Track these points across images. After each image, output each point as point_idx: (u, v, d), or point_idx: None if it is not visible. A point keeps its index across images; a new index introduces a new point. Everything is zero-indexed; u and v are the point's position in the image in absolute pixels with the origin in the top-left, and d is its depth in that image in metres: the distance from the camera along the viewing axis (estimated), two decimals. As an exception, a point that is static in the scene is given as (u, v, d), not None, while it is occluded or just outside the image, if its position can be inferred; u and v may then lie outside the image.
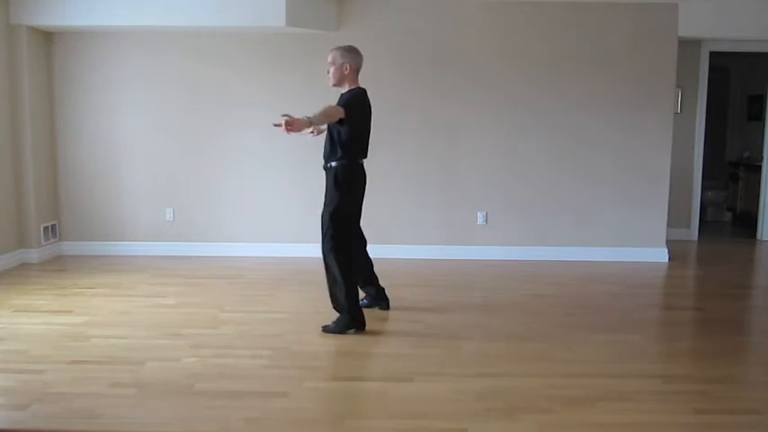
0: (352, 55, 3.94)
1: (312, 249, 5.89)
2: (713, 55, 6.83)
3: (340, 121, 3.82)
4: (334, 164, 3.92)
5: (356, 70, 3.97)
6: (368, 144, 4.07)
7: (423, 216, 6.00)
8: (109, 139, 5.99)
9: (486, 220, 6.02)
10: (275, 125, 3.54)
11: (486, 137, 5.93)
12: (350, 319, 3.93)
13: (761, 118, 7.53)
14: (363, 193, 4.10)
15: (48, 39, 5.84)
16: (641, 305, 4.68)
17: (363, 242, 4.36)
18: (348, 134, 3.86)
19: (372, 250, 5.89)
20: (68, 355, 3.50)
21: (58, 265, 5.65)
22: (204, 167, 6.00)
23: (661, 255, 5.99)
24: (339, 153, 3.90)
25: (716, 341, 3.88)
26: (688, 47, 6.50)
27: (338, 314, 3.98)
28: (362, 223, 5.94)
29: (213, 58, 5.88)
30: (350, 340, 3.83)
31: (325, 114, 3.73)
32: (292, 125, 3.49)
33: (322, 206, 3.99)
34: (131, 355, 3.52)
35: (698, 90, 6.82)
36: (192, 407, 2.92)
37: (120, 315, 4.23)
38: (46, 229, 5.87)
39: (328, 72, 3.96)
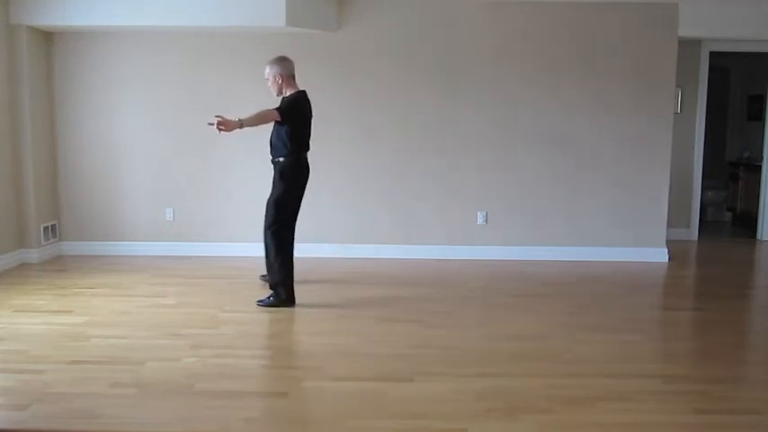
0: (280, 64, 4.41)
1: (311, 249, 5.92)
2: (713, 55, 6.83)
3: (278, 123, 4.30)
4: (281, 159, 4.41)
5: (289, 76, 4.43)
6: (309, 139, 4.50)
7: (423, 216, 6.00)
8: (109, 139, 5.99)
9: (486, 220, 6.02)
10: (209, 124, 3.99)
11: (486, 136, 5.93)
12: (283, 295, 4.41)
13: (761, 118, 7.53)
14: (305, 184, 4.53)
15: (48, 39, 5.84)
16: (641, 305, 4.68)
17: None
18: (290, 133, 4.33)
19: (373, 250, 5.96)
20: (68, 355, 3.50)
21: (58, 265, 5.65)
22: (204, 167, 6.00)
23: (661, 255, 5.99)
24: (284, 150, 4.37)
25: (716, 341, 3.88)
26: (688, 47, 6.50)
27: (272, 290, 4.48)
28: (362, 222, 5.98)
29: (213, 58, 5.88)
30: (349, 340, 3.83)
31: (258, 117, 4.18)
32: (224, 125, 3.98)
33: (269, 195, 4.48)
34: (131, 355, 3.52)
35: (698, 90, 6.82)
36: (192, 407, 2.92)
37: (120, 315, 4.23)
38: (46, 229, 5.87)
39: (269, 86, 4.46)
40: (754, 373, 3.50)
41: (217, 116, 3.98)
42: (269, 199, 4.46)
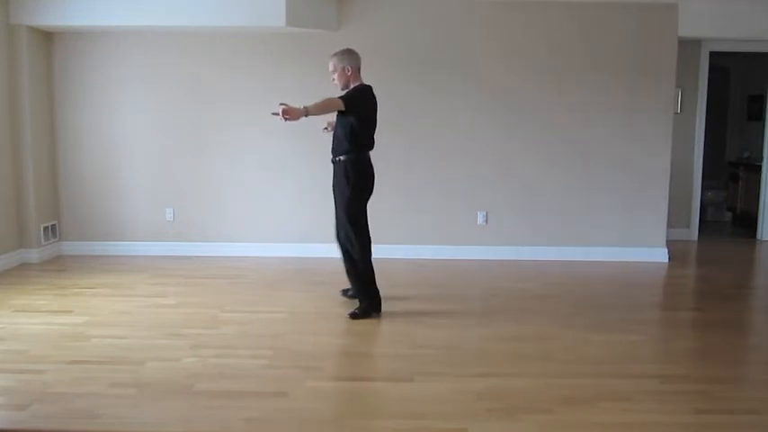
0: (350, 56, 4.17)
1: (312, 249, 5.92)
2: (713, 55, 6.83)
3: (342, 112, 4.03)
4: (342, 158, 4.15)
5: (358, 69, 4.19)
6: (374, 137, 4.26)
7: (423, 216, 6.00)
8: (109, 139, 5.99)
9: (486, 220, 6.02)
10: (273, 114, 3.78)
11: (486, 136, 5.93)
12: (368, 303, 4.24)
13: (761, 118, 7.53)
14: (373, 183, 4.28)
15: (48, 39, 5.83)
16: (641, 305, 4.68)
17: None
18: (355, 126, 4.08)
19: (373, 250, 5.92)
20: (68, 355, 3.50)
21: (58, 265, 5.65)
22: (204, 167, 6.00)
23: (661, 255, 5.99)
24: (347, 146, 4.11)
25: (716, 341, 3.88)
26: (688, 47, 6.50)
27: (359, 300, 4.28)
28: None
29: (213, 58, 5.88)
30: (350, 340, 3.83)
31: (323, 104, 3.95)
32: (289, 113, 3.75)
33: (335, 200, 4.26)
34: (131, 355, 3.52)
35: (698, 90, 6.81)
36: (192, 407, 2.92)
37: (120, 315, 4.23)
38: (46, 229, 5.87)
39: (333, 80, 4.19)
40: (754, 373, 3.50)
41: (282, 104, 3.76)
42: (337, 206, 4.24)
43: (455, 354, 3.60)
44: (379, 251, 5.93)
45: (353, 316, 4.18)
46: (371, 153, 4.27)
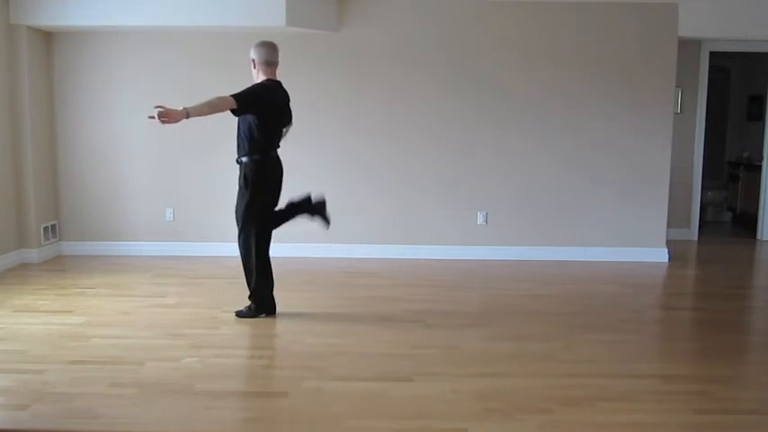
0: (257, 50, 3.99)
1: (312, 249, 5.93)
2: (713, 55, 6.83)
3: (233, 112, 3.78)
4: (244, 159, 3.96)
5: (264, 63, 3.99)
6: (279, 136, 4.04)
7: (423, 216, 6.00)
8: (109, 139, 5.98)
9: (486, 220, 6.02)
10: (149, 117, 3.52)
11: (486, 136, 5.93)
12: (257, 306, 4.17)
13: (761, 118, 7.53)
14: (279, 186, 4.11)
15: (48, 39, 5.83)
16: (641, 305, 4.67)
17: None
18: (258, 125, 3.87)
19: (373, 250, 5.95)
20: (68, 355, 3.50)
21: (58, 265, 5.65)
22: (204, 167, 6.00)
23: (661, 255, 5.99)
24: (247, 148, 3.91)
25: (716, 341, 3.88)
26: (688, 47, 6.50)
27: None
28: (362, 222, 5.98)
29: (213, 58, 5.87)
30: (349, 340, 3.83)
31: (208, 105, 3.68)
32: (167, 116, 3.50)
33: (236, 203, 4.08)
34: (131, 355, 3.52)
35: (698, 90, 6.82)
36: (192, 407, 2.92)
37: (120, 315, 4.23)
38: (46, 229, 5.87)
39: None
40: (754, 373, 3.50)
41: (158, 106, 3.48)
42: (236, 208, 4.07)
43: (455, 354, 3.60)
44: (379, 251, 5.98)
45: (238, 314, 4.18)
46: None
